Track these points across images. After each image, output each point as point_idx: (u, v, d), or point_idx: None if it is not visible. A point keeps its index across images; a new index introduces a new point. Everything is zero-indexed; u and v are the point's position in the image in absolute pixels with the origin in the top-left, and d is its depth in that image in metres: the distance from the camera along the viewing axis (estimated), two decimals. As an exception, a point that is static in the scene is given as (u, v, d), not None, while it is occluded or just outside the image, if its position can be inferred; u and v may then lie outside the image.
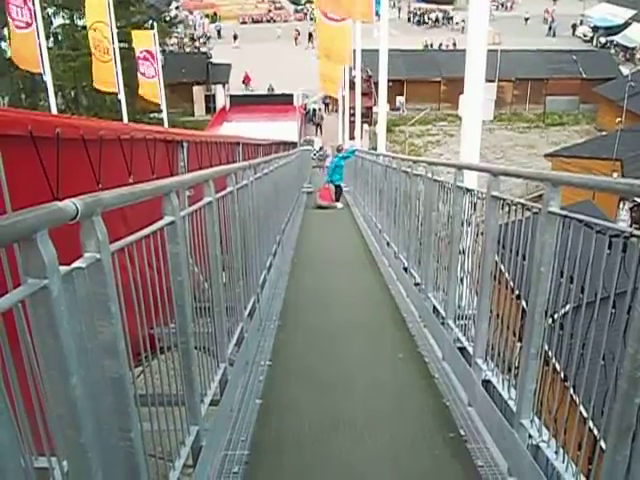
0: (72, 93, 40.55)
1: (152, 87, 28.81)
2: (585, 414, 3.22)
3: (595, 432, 3.07)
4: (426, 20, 72.02)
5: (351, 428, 4.96)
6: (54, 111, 20.32)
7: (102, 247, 2.39)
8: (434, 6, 75.24)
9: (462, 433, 4.84)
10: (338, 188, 19.48)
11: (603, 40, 62.67)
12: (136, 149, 5.10)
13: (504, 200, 4.58)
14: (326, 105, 49.09)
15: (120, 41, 27.89)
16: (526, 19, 68.64)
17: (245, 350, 5.87)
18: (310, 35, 60.90)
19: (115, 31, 24.53)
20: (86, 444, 2.17)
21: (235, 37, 63.43)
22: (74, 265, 2.28)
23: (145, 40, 28.59)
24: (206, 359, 4.39)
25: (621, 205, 28.30)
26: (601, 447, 2.94)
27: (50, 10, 38.82)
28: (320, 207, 19.34)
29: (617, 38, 60.89)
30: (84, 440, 2.15)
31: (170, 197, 3.41)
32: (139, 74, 28.72)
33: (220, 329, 4.78)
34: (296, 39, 62.02)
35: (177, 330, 3.57)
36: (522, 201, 4.32)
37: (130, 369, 2.68)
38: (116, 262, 2.59)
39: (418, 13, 73.18)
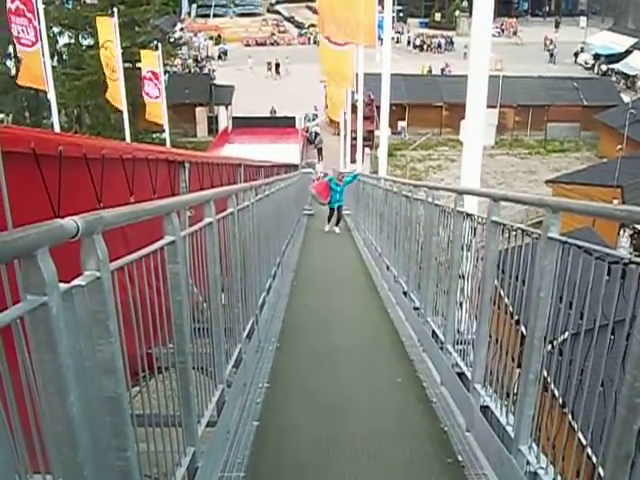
0: (75, 112, 40.81)
1: (156, 107, 28.97)
2: (584, 441, 3.21)
3: (593, 459, 3.06)
4: (429, 45, 72.48)
5: (349, 451, 4.94)
6: (57, 129, 20.42)
7: (102, 265, 2.39)
8: (437, 32, 75.86)
9: (460, 459, 4.81)
10: (338, 211, 18.71)
11: (604, 68, 63.06)
12: (138, 169, 5.12)
13: (504, 225, 4.59)
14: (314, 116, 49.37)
15: (125, 61, 28.15)
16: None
17: (243, 371, 5.85)
18: (277, 65, 61.89)
19: (120, 51, 24.73)
20: (82, 463, 2.16)
21: (249, 57, 64.31)
22: (74, 283, 2.29)
23: (151, 60, 28.81)
24: (204, 380, 4.37)
25: (621, 232, 28.32)
26: (599, 474, 2.93)
27: (56, 29, 39.19)
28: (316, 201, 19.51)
29: (618, 66, 61.28)
30: (80, 459, 2.15)
31: (171, 217, 3.42)
32: (144, 94, 28.88)
33: (218, 350, 4.77)
34: (269, 69, 62.34)
35: (175, 350, 3.57)
36: (522, 226, 4.33)
37: (127, 389, 2.68)
38: (116, 281, 2.59)
39: (421, 38, 73.66)
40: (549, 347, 3.74)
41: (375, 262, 12.78)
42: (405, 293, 8.81)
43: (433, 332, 6.82)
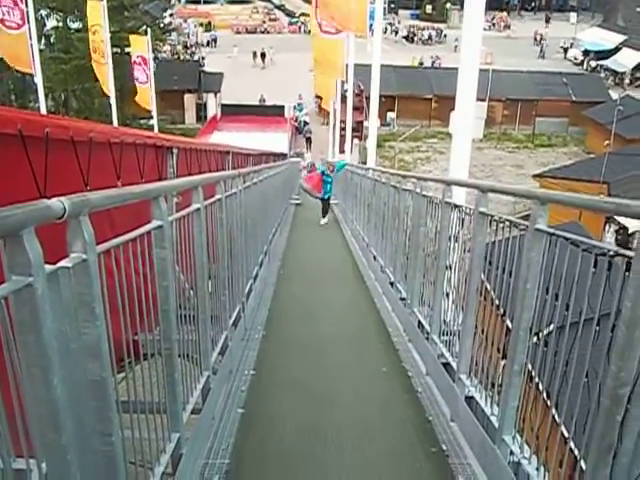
0: (62, 96, 40.47)
1: (144, 93, 28.80)
2: (567, 432, 3.23)
3: (576, 450, 3.08)
4: (420, 37, 72.42)
5: (333, 440, 4.95)
6: (44, 113, 20.24)
7: (88, 248, 2.37)
8: (428, 24, 75.80)
9: (444, 448, 4.83)
10: (326, 202, 18.56)
11: (593, 64, 63.25)
12: (125, 153, 5.08)
13: (492, 217, 4.60)
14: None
15: (113, 46, 27.93)
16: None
17: (229, 359, 5.84)
18: (263, 55, 61.41)
19: (108, 35, 24.55)
20: (66, 446, 2.15)
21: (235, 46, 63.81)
22: (60, 264, 2.27)
23: (140, 45, 28.61)
24: (189, 367, 4.36)
25: (607, 227, 28.47)
26: (582, 465, 2.94)
27: (43, 12, 38.80)
28: (303, 189, 19.24)
29: (607, 62, 61.47)
30: (64, 442, 2.13)
31: (159, 201, 3.40)
32: (134, 79, 28.70)
33: (204, 337, 4.76)
34: (254, 58, 61.88)
35: (161, 336, 3.55)
36: (510, 218, 4.34)
37: (113, 373, 2.66)
38: (102, 264, 2.57)
39: (412, 30, 73.58)
40: (534, 339, 3.75)
41: (362, 252, 12.79)
42: (392, 283, 8.83)
43: (419, 322, 6.84)
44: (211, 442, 4.74)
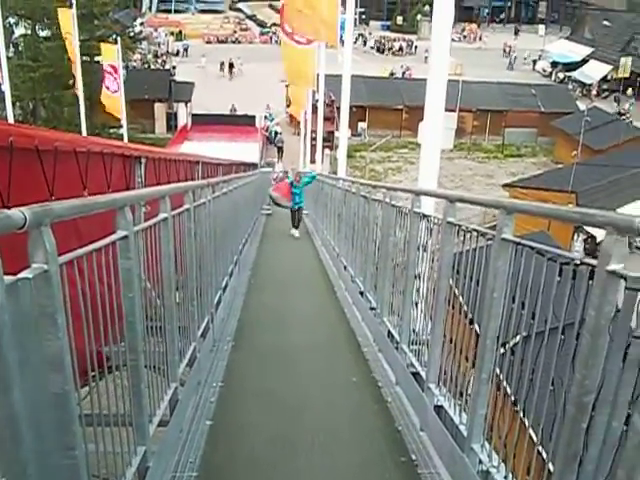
0: (30, 104, 40.04)
1: (115, 102, 28.61)
2: (535, 439, 3.24)
3: (544, 456, 3.09)
4: (390, 48, 72.87)
5: (303, 451, 4.93)
6: (11, 122, 20.02)
7: (50, 258, 2.34)
8: (399, 35, 76.33)
9: (413, 457, 4.83)
10: (298, 213, 17.89)
11: (561, 75, 64.17)
12: (92, 163, 5.03)
13: (459, 226, 4.62)
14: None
15: (83, 54, 27.74)
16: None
17: (197, 370, 5.80)
18: (231, 65, 60.97)
19: (77, 43, 24.39)
20: (25, 460, 2.11)
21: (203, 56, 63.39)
22: (20, 275, 2.23)
23: (111, 54, 28.45)
24: (156, 378, 4.32)
25: (575, 237, 28.79)
26: (549, 472, 2.96)
27: (12, 20, 38.42)
28: (275, 202, 18.81)
29: (575, 74, 62.41)
30: (23, 456, 2.09)
31: (124, 211, 3.37)
32: (104, 87, 28.49)
33: (171, 348, 4.71)
34: (221, 69, 61.33)
35: (126, 348, 3.51)
36: (477, 227, 4.36)
37: (76, 386, 2.62)
38: (65, 275, 2.54)
39: (383, 41, 74.05)
40: (502, 347, 3.77)
41: (333, 262, 12.79)
42: (362, 293, 8.83)
43: (389, 332, 6.85)
44: (179, 455, 4.68)
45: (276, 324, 8.51)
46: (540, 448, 3.18)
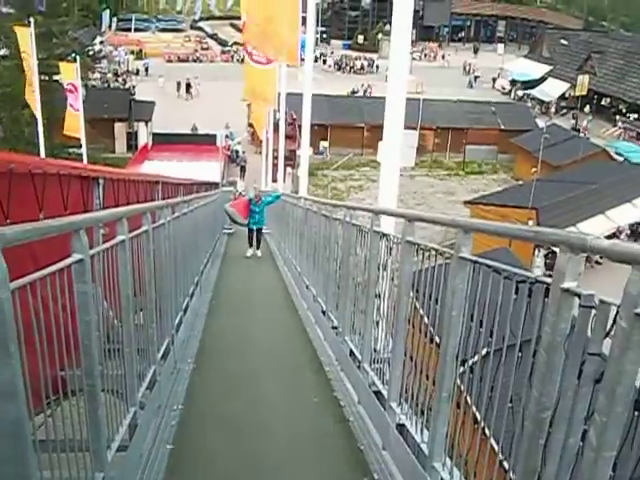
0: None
1: (74, 121, 28.30)
2: (495, 456, 3.26)
3: (504, 473, 3.11)
4: (352, 67, 73.47)
5: (264, 473, 4.90)
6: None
7: (1, 284, 2.30)
8: (360, 54, 77.06)
9: (376, 477, 4.82)
10: (258, 233, 17.33)
11: (520, 93, 65.34)
12: (49, 184, 4.97)
13: (418, 245, 4.65)
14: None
15: (41, 73, 27.44)
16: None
17: (157, 393, 5.72)
18: (188, 85, 60.25)
19: (36, 62, 24.12)
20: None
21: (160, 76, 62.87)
22: (-31, 303, 2.19)
23: (71, 73, 28.17)
24: (115, 402, 4.25)
25: (536, 252, 29.13)
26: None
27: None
28: (230, 218, 17.86)
29: (534, 92, 63.59)
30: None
31: (79, 234, 3.32)
32: (69, 106, 28.16)
33: (130, 371, 4.65)
34: (178, 89, 60.48)
35: (82, 372, 3.45)
36: (435, 246, 4.39)
37: (29, 413, 2.57)
38: (17, 300, 2.49)
39: (344, 60, 74.66)
40: (461, 364, 3.79)
41: (295, 281, 12.77)
42: (324, 312, 8.82)
43: (351, 351, 6.84)
44: None
45: (238, 345, 8.44)
46: (500, 465, 3.20)
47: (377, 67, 71.51)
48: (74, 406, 3.46)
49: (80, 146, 28.96)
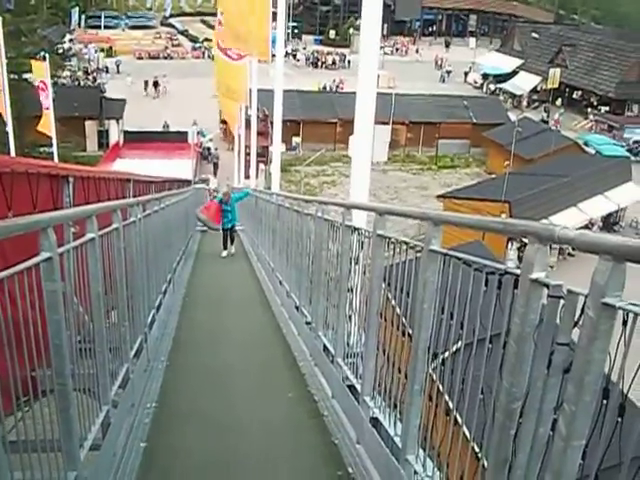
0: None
1: (46, 119, 28.00)
2: (467, 447, 3.29)
3: (477, 463, 3.14)
4: (323, 62, 73.50)
5: (239, 469, 4.90)
6: None
7: (-33, 283, 2.27)
8: (331, 49, 77.12)
9: (350, 471, 4.84)
10: (231, 231, 17.08)
11: (492, 87, 65.84)
12: (17, 183, 4.92)
13: (389, 239, 4.66)
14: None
15: (11, 72, 27.10)
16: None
17: (130, 392, 5.69)
18: (156, 83, 59.64)
19: (4, 61, 23.82)
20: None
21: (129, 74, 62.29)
22: None
23: (41, 71, 27.85)
24: (87, 401, 4.22)
25: (509, 245, 29.37)
26: (482, 478, 3.00)
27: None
28: (199, 219, 17.63)
29: (506, 85, 64.14)
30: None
31: (47, 232, 3.29)
32: (44, 106, 27.85)
33: (102, 370, 4.62)
34: (146, 88, 59.66)
35: (53, 371, 3.42)
36: (406, 239, 4.41)
37: (0, 414, 2.54)
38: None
39: (315, 55, 74.67)
40: (432, 357, 3.81)
41: (268, 277, 12.75)
42: (297, 308, 8.82)
43: (324, 346, 6.85)
44: (112, 479, 4.58)
45: (211, 342, 8.42)
46: (473, 455, 3.23)
47: (349, 62, 71.53)
48: (45, 406, 3.44)
49: (51, 145, 28.69)
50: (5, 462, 2.58)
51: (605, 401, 2.33)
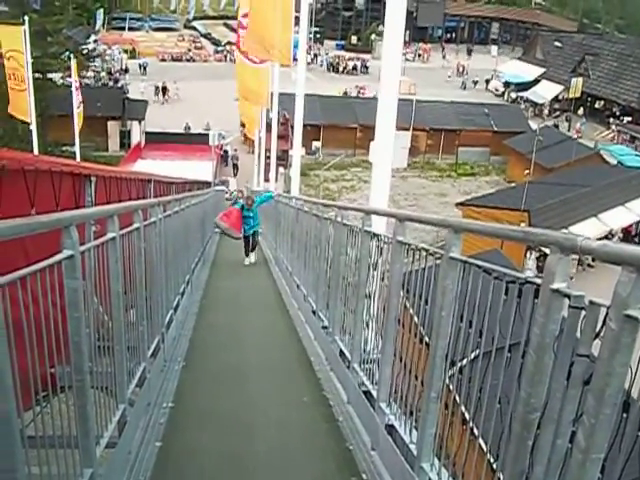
0: (-19, 122, 39.38)
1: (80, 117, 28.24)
2: (483, 457, 3.27)
3: (492, 474, 3.11)
4: (345, 67, 73.52)
5: (254, 472, 4.90)
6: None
7: (-9, 279, 2.30)
8: (353, 54, 77.15)
9: (364, 477, 4.82)
10: (253, 237, 15.95)
11: (514, 95, 65.49)
12: (40, 181, 4.95)
13: (409, 245, 4.65)
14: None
15: (36, 71, 27.34)
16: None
17: (147, 391, 5.72)
18: (164, 89, 58.28)
19: (30, 60, 24.03)
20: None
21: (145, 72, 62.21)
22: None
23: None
24: (104, 399, 4.24)
25: (528, 254, 29.16)
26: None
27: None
28: (218, 227, 16.37)
29: (527, 94, 63.76)
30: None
31: (69, 230, 3.32)
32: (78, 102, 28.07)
33: (120, 368, 4.65)
34: (156, 94, 58.09)
35: (72, 368, 3.45)
36: (425, 246, 4.40)
37: (19, 409, 2.56)
38: (7, 295, 2.49)
39: (337, 60, 74.72)
40: (450, 365, 3.79)
41: (286, 281, 12.76)
42: (314, 312, 8.82)
43: (341, 351, 6.84)
44: (127, 477, 4.60)
45: (228, 344, 8.44)
46: (488, 466, 3.21)
47: (367, 68, 71.42)
48: (63, 402, 3.46)
49: (73, 144, 28.90)
50: (22, 457, 2.60)
51: (625, 414, 2.31)
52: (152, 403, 5.93)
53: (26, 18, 24.53)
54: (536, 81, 65.17)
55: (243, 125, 45.21)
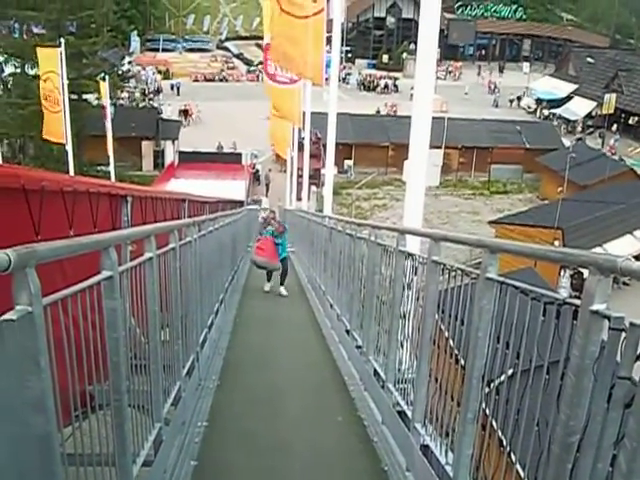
0: (19, 142, 40.15)
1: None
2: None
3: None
4: (376, 86, 73.66)
5: None
6: (-1, 160, 20.02)
7: (34, 300, 2.34)
8: (384, 73, 77.30)
9: None
10: (283, 265, 14.50)
11: (546, 112, 65.05)
12: (78, 202, 5.03)
13: (444, 265, 4.64)
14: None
15: (71, 92, 27.81)
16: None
17: (182, 410, 5.74)
18: (186, 112, 57.43)
19: (66, 82, 24.47)
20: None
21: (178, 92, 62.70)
22: (4, 317, 2.23)
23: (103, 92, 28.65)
24: (141, 418, 4.27)
25: (562, 273, 28.88)
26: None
27: (1, 58, 38.85)
28: (257, 265, 14.63)
29: (559, 111, 63.28)
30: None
31: (108, 251, 3.37)
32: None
33: (156, 387, 4.68)
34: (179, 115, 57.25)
35: (110, 387, 3.48)
36: (461, 267, 4.38)
37: (59, 427, 2.59)
38: (49, 315, 2.53)
39: (369, 79, 74.94)
40: (487, 386, 3.77)
41: (319, 300, 12.77)
42: (348, 331, 8.80)
43: (375, 371, 6.82)
44: None
45: (261, 363, 8.45)
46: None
47: (397, 87, 71.46)
48: (101, 421, 3.49)
49: (108, 164, 29.32)
50: (62, 475, 2.63)
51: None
52: (187, 422, 5.95)
53: (62, 40, 25.03)
54: (569, 98, 64.67)
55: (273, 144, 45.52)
